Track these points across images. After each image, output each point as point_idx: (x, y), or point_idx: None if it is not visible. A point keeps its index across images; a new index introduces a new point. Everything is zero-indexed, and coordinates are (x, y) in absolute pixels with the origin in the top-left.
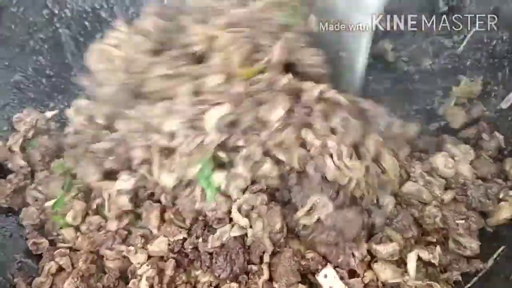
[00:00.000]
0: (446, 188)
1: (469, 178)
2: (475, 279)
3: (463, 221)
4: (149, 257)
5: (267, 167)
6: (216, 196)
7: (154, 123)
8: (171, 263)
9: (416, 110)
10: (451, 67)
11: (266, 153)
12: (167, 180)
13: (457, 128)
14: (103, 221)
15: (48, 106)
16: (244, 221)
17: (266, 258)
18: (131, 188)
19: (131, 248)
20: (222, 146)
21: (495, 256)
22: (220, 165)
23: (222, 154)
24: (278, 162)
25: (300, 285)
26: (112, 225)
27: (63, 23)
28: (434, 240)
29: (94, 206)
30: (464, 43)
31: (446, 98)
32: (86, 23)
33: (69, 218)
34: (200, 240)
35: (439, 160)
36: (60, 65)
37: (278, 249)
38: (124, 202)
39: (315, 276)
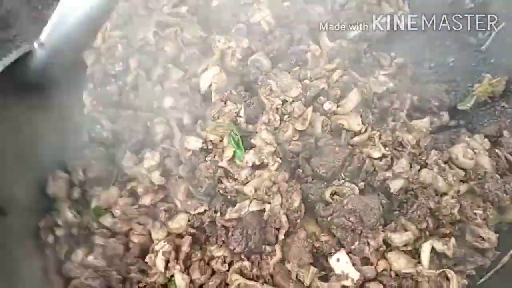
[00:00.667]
0: (465, 180)
1: (489, 170)
2: (489, 273)
3: (482, 212)
4: (169, 234)
5: (289, 133)
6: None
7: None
8: (187, 240)
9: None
10: (475, 64)
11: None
12: (193, 143)
13: (478, 125)
14: (136, 202)
15: None
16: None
17: (281, 236)
18: (158, 162)
19: (157, 222)
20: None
21: (511, 252)
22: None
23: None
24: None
25: (312, 267)
26: (147, 200)
27: None
28: (449, 232)
29: (128, 187)
30: (489, 40)
31: (467, 95)
32: None
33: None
34: (219, 214)
35: (458, 150)
36: None
37: (293, 230)
38: (157, 177)
39: (328, 259)
